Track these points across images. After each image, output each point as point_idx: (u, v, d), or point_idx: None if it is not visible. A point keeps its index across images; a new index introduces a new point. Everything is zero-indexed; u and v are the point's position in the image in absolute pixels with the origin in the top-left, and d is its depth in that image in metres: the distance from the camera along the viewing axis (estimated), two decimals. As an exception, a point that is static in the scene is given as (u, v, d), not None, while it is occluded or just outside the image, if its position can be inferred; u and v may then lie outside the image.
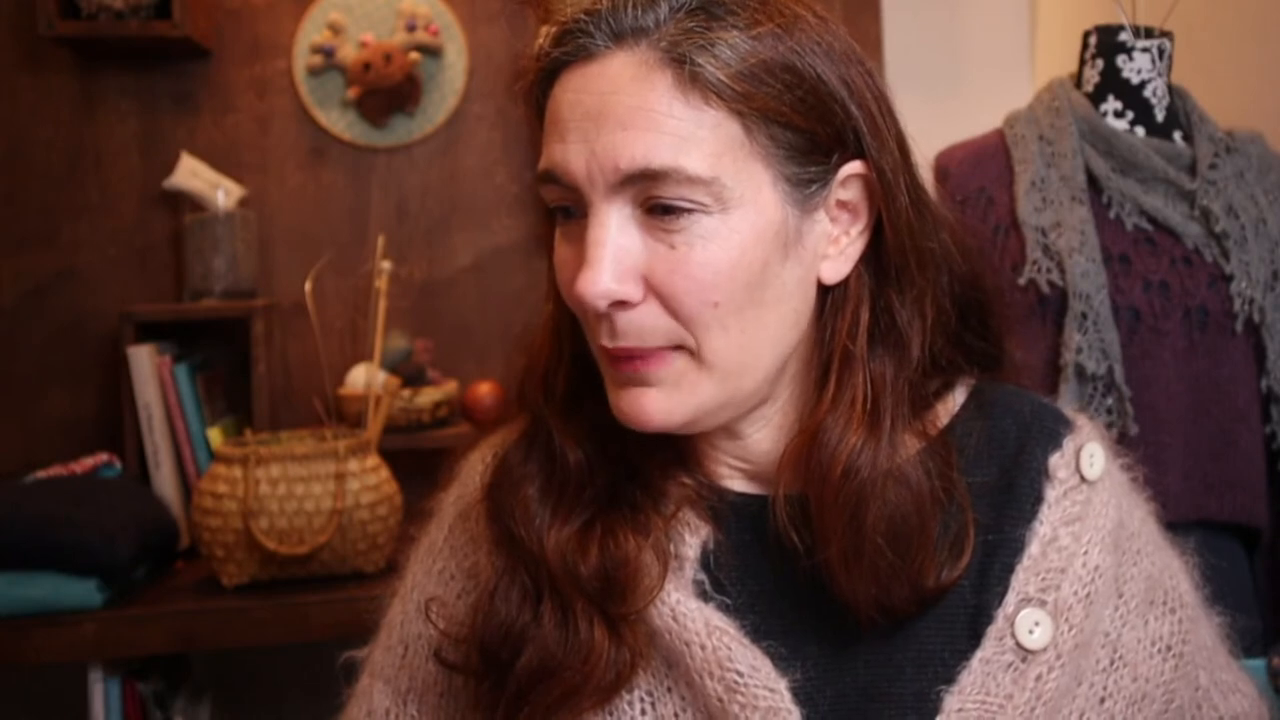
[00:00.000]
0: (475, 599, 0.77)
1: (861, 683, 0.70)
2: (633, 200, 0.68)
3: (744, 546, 0.74)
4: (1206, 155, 1.44)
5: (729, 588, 0.72)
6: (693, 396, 0.70)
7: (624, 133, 0.66)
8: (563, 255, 0.72)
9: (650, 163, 0.66)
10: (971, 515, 0.72)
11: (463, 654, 0.75)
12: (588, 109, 0.67)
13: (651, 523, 0.73)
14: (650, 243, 0.68)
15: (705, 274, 0.67)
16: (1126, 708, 0.73)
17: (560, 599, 0.71)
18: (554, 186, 0.70)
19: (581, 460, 0.75)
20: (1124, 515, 0.77)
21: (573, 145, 0.68)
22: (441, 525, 0.83)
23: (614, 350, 0.70)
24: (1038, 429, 0.77)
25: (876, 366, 0.72)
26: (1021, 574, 0.72)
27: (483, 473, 0.80)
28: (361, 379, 1.96)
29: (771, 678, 0.68)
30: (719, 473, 0.77)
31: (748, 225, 0.68)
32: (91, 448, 1.94)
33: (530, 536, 0.73)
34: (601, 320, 0.69)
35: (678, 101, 0.66)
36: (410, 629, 0.82)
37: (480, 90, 2.15)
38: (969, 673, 0.69)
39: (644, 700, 0.70)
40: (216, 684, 1.97)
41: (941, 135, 1.56)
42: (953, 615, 0.72)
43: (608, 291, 0.67)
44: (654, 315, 0.68)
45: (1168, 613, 0.77)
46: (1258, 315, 1.38)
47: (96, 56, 2.05)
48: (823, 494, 0.70)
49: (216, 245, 1.99)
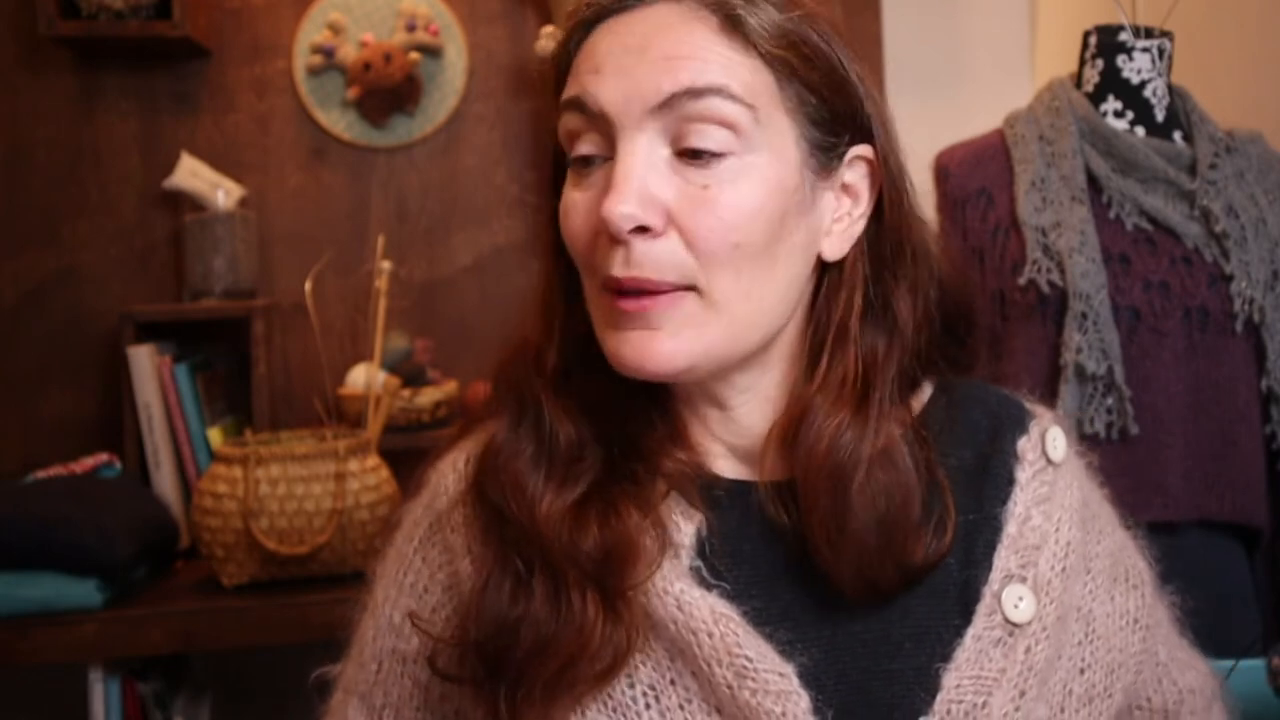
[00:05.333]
0: (455, 608, 0.76)
1: (862, 662, 0.71)
2: (664, 135, 0.70)
3: (736, 532, 0.74)
4: (1206, 155, 1.44)
5: (725, 574, 0.72)
6: (698, 341, 0.71)
7: (669, 60, 0.69)
8: (573, 200, 0.73)
9: (695, 81, 0.69)
10: (951, 496, 0.75)
11: (459, 663, 0.73)
12: (628, 45, 0.70)
13: (650, 498, 0.73)
14: (678, 182, 0.70)
15: (730, 213, 0.69)
16: (1105, 677, 0.76)
17: (551, 573, 0.71)
18: (577, 116, 0.72)
19: (573, 436, 0.75)
20: (1086, 495, 0.81)
21: (609, 76, 0.70)
22: (411, 537, 0.81)
23: (626, 280, 0.69)
24: (1005, 416, 0.81)
25: (869, 347, 0.75)
26: (1003, 552, 0.75)
27: (457, 480, 0.79)
28: (361, 379, 1.96)
29: (779, 662, 0.69)
30: (709, 454, 0.78)
31: (772, 172, 0.71)
32: (91, 448, 1.94)
33: (521, 509, 0.72)
34: (617, 249, 0.69)
35: (721, 42, 0.70)
36: (383, 644, 0.81)
37: (480, 90, 2.15)
38: (963, 649, 0.71)
39: (647, 695, 0.70)
40: (216, 684, 1.97)
41: (941, 135, 1.56)
42: (943, 591, 0.74)
43: (633, 214, 0.68)
44: (671, 249, 0.69)
45: (1131, 589, 0.82)
46: (1258, 315, 1.38)
47: (96, 56, 2.05)
48: (809, 471, 0.72)
49: (216, 245, 1.99)
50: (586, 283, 0.74)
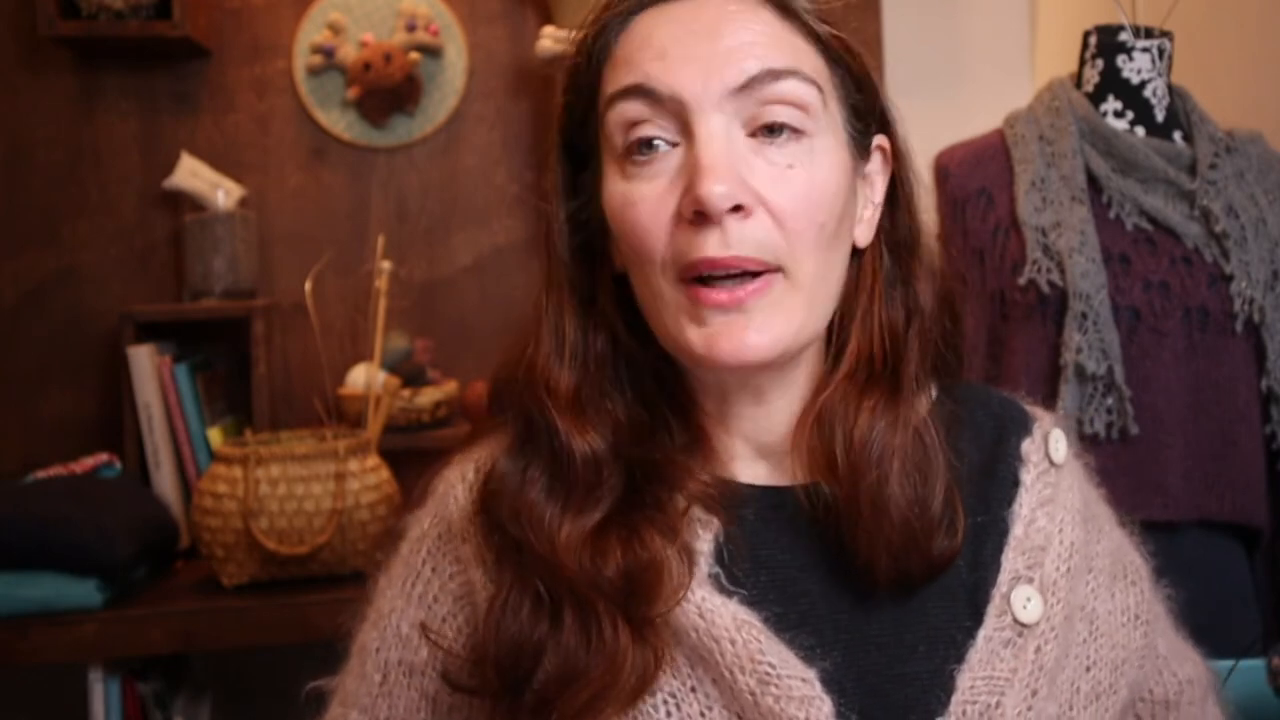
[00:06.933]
0: (467, 618, 0.75)
1: (878, 665, 0.71)
2: (739, 117, 0.70)
3: (753, 538, 0.74)
4: (1206, 155, 1.44)
5: (744, 580, 0.72)
6: (788, 325, 0.71)
7: (745, 45, 0.70)
8: (638, 191, 0.71)
9: (774, 63, 0.70)
10: (960, 494, 0.75)
11: (475, 675, 0.73)
12: (694, 30, 0.71)
13: (673, 520, 0.72)
14: (759, 162, 0.70)
15: (816, 192, 0.71)
16: (1110, 673, 0.77)
17: (579, 603, 0.70)
18: (640, 103, 0.71)
19: (590, 456, 0.73)
20: (1086, 495, 0.82)
21: (679, 61, 0.70)
22: (419, 548, 0.80)
23: (727, 260, 0.69)
24: (1008, 418, 0.82)
25: (892, 326, 0.77)
26: (1010, 553, 0.75)
27: (466, 490, 0.78)
28: (361, 379, 1.96)
29: (802, 668, 0.69)
30: (732, 459, 0.77)
31: (837, 156, 0.73)
32: (91, 448, 1.94)
33: (541, 541, 0.71)
34: (710, 232, 0.69)
35: (784, 27, 0.73)
36: (389, 655, 0.79)
37: (480, 90, 2.15)
38: (975, 651, 0.72)
39: (668, 703, 0.69)
40: (216, 684, 1.97)
41: (941, 135, 1.56)
42: (954, 593, 0.74)
43: (730, 193, 0.68)
44: (765, 228, 0.70)
45: (1130, 585, 0.82)
46: (1258, 315, 1.38)
47: (96, 56, 2.05)
48: (849, 453, 0.72)
49: (216, 245, 1.99)
50: (652, 279, 0.72)
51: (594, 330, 0.76)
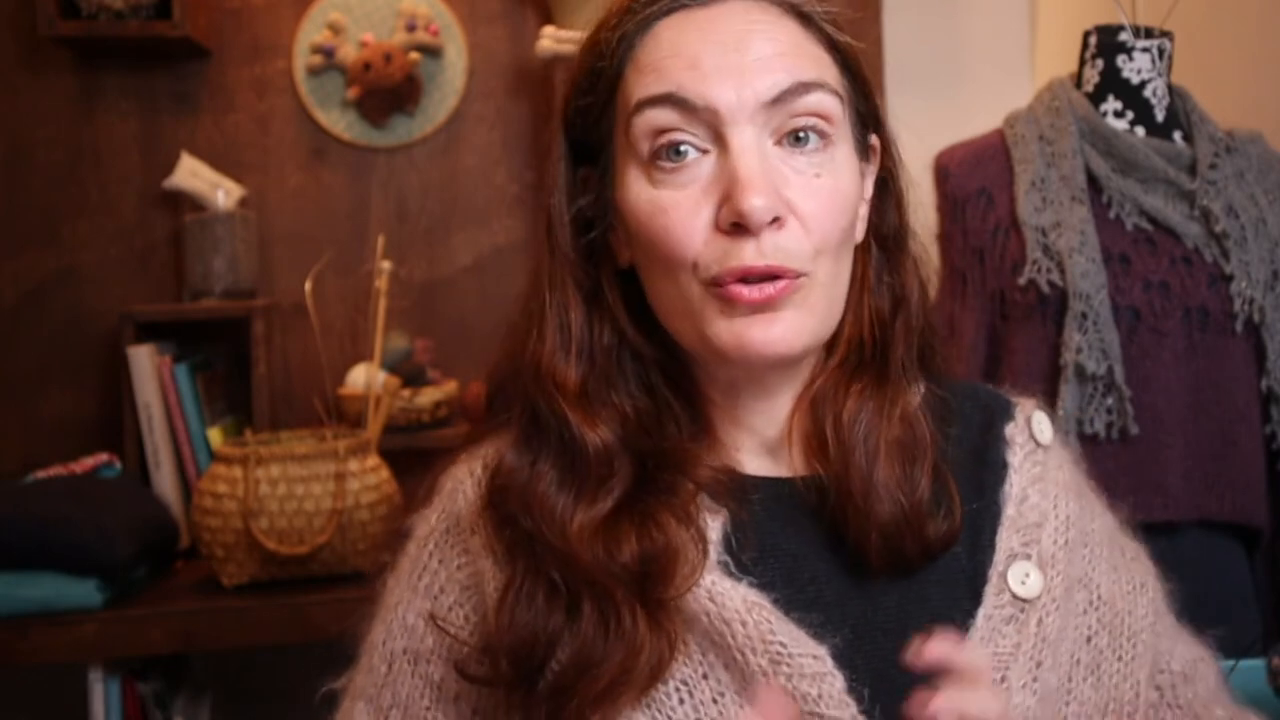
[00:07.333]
0: (475, 606, 0.76)
1: (884, 649, 0.72)
2: (768, 127, 0.72)
3: (760, 526, 0.75)
4: (1206, 155, 1.44)
5: (751, 568, 0.73)
6: (810, 323, 0.73)
7: (776, 57, 0.72)
8: (670, 199, 0.72)
9: (803, 75, 0.72)
10: (954, 480, 0.78)
11: (485, 664, 0.73)
12: (724, 41, 0.72)
13: (685, 504, 0.74)
14: (787, 171, 0.72)
15: (840, 199, 0.73)
16: (1111, 642, 0.79)
17: (597, 592, 0.71)
18: (671, 111, 0.72)
19: (601, 448, 0.74)
20: (1077, 476, 0.85)
21: (712, 73, 0.71)
22: (425, 542, 0.81)
23: (764, 269, 0.70)
24: (993, 406, 0.85)
25: (878, 312, 0.79)
26: (1004, 533, 0.78)
27: (474, 485, 0.78)
28: (361, 379, 1.96)
29: (813, 645, 0.70)
30: (738, 451, 0.79)
31: (852, 161, 0.76)
32: (91, 448, 1.94)
33: (554, 533, 0.72)
34: (745, 241, 0.70)
35: (805, 38, 0.75)
36: (394, 645, 0.80)
37: (480, 90, 2.15)
38: (975, 629, 0.74)
39: (680, 690, 0.70)
40: (216, 684, 1.97)
41: (941, 135, 1.56)
42: (954, 579, 0.76)
43: (771, 206, 0.70)
44: (796, 237, 0.72)
45: (1130, 560, 0.84)
46: (1258, 315, 1.38)
47: (96, 56, 2.05)
48: (838, 431, 0.75)
49: (216, 245, 1.99)
50: (679, 279, 0.73)
51: (599, 324, 0.77)
